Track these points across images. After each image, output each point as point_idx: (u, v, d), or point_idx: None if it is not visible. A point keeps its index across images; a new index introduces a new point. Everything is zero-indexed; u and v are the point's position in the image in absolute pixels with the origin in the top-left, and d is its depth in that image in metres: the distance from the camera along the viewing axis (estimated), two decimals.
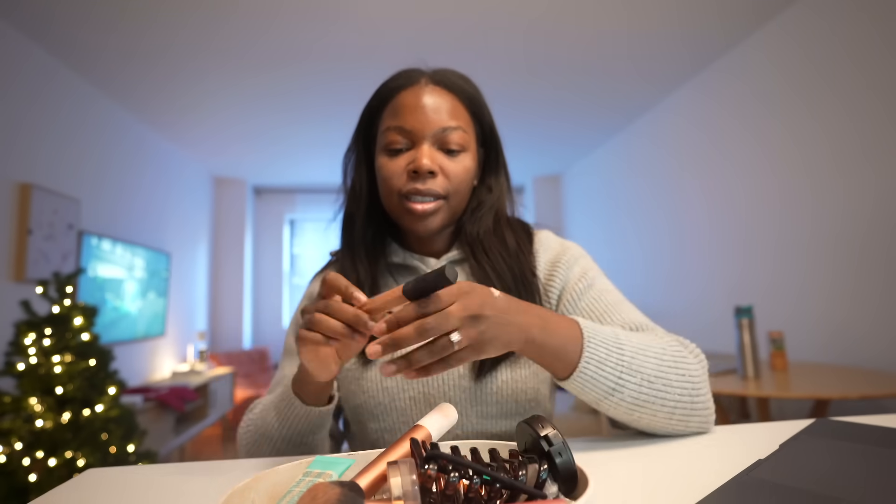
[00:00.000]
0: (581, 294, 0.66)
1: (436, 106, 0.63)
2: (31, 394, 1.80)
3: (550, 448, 0.32)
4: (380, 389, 0.64)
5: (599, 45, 2.68)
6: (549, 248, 0.72)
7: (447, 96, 0.65)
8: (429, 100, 0.64)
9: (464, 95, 0.67)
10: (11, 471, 1.71)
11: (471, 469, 0.29)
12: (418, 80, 0.65)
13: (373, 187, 0.70)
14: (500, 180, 0.73)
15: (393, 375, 0.43)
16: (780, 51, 2.44)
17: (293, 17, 2.36)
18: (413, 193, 0.62)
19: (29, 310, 1.90)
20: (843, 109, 2.12)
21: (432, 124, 0.63)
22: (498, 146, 0.72)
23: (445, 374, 0.63)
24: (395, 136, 0.63)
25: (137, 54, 2.64)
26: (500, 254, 0.68)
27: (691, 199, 3.18)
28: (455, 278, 0.40)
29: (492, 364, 0.63)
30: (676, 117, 3.31)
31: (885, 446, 0.45)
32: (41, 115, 2.57)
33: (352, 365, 0.66)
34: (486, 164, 0.72)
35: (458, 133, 0.64)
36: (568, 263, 0.69)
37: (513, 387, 0.63)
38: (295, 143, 4.12)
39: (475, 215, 0.70)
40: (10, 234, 2.35)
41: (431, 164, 0.62)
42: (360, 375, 0.65)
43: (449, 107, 0.64)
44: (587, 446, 0.53)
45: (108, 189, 3.17)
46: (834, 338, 2.15)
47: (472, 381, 0.63)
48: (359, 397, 0.65)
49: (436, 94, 0.64)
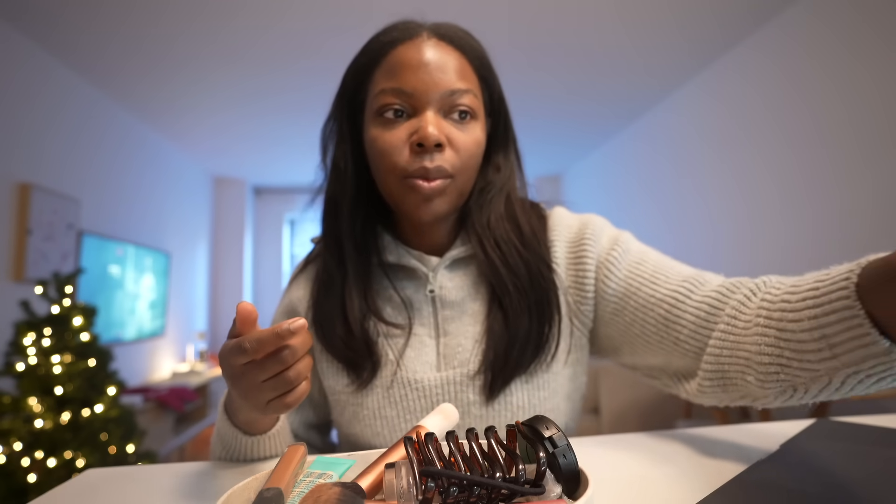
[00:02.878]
0: (618, 262, 0.56)
1: (442, 64, 0.52)
2: (30, 394, 1.80)
3: (555, 450, 0.32)
4: (378, 418, 0.56)
5: (599, 45, 2.68)
6: (567, 226, 0.62)
7: (454, 53, 0.54)
8: (433, 56, 0.52)
9: (473, 54, 0.56)
10: (11, 471, 1.71)
11: (467, 481, 0.29)
12: (419, 34, 0.54)
13: (360, 165, 0.58)
14: (509, 157, 0.62)
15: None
16: (779, 51, 2.44)
17: (293, 17, 2.36)
18: (419, 172, 0.51)
19: (28, 310, 1.89)
20: (842, 110, 2.12)
21: (438, 85, 0.52)
22: (507, 118, 0.61)
23: (454, 401, 0.55)
24: (392, 98, 0.52)
25: (138, 54, 2.64)
26: (514, 245, 0.57)
27: (691, 199, 3.18)
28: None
29: (504, 382, 0.54)
30: (676, 118, 3.31)
31: (886, 447, 0.45)
32: (41, 115, 2.57)
33: (346, 386, 0.58)
34: (494, 138, 0.61)
35: (469, 97, 0.53)
36: (595, 236, 0.59)
37: (529, 412, 0.55)
38: (295, 143, 4.12)
39: (483, 199, 0.59)
40: (9, 234, 2.35)
41: (439, 135, 0.51)
42: (356, 402, 0.58)
43: (457, 65, 0.54)
44: (587, 446, 0.53)
45: (107, 189, 3.17)
46: None
47: (484, 407, 0.55)
48: (354, 426, 0.58)
49: (440, 49, 0.53)
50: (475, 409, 0.55)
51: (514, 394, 0.55)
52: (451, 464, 0.31)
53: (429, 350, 0.58)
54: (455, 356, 0.57)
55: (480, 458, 0.31)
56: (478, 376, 0.55)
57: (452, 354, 0.57)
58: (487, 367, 0.55)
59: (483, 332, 0.57)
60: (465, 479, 0.29)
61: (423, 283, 0.60)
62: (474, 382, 0.55)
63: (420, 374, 0.56)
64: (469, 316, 0.58)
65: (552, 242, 0.61)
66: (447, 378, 0.56)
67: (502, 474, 0.30)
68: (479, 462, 0.31)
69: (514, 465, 0.31)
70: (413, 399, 0.56)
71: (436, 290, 0.59)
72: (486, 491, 0.29)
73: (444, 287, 0.59)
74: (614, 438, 0.56)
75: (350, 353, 0.57)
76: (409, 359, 0.57)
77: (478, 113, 0.55)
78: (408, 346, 0.58)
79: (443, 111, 0.53)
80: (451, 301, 0.59)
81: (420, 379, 0.56)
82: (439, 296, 0.59)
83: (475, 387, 0.55)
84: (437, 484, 0.29)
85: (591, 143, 4.37)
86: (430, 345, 0.58)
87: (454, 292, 0.59)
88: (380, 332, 0.58)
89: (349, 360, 0.57)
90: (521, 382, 0.55)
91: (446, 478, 0.29)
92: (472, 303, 0.59)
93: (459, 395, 0.55)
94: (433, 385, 0.56)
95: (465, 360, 0.56)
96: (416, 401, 0.56)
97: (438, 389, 0.56)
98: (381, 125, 0.53)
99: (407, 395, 0.56)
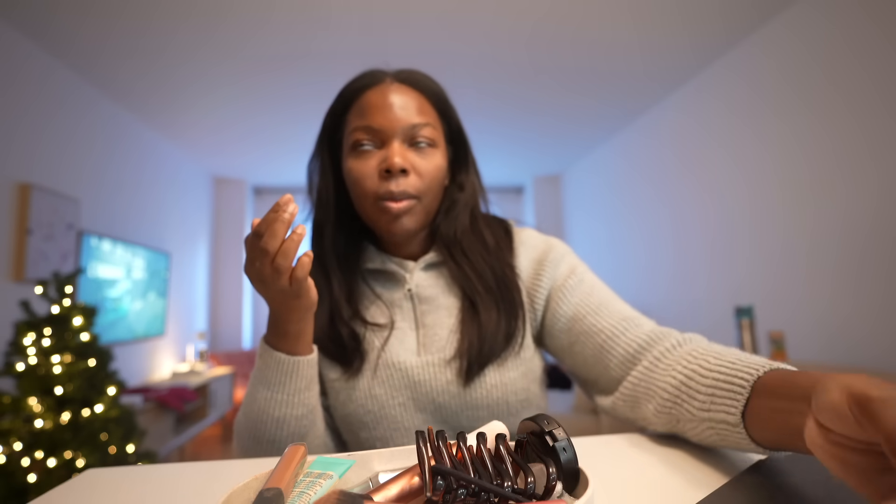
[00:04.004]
0: (572, 290, 0.65)
1: (403, 104, 0.62)
2: (30, 394, 1.80)
3: (556, 443, 0.32)
4: (368, 398, 0.63)
5: (600, 43, 2.69)
6: (533, 246, 0.71)
7: (413, 94, 0.64)
8: (396, 98, 0.62)
9: (430, 93, 0.66)
10: (11, 471, 1.71)
11: (476, 485, 0.29)
12: (383, 80, 0.64)
13: (340, 194, 0.69)
14: (470, 178, 0.71)
15: None
16: (781, 49, 2.44)
17: (293, 16, 2.36)
18: (387, 195, 0.60)
19: (28, 310, 1.89)
20: (845, 108, 2.12)
21: (401, 121, 0.61)
22: (466, 144, 0.71)
23: (434, 381, 0.63)
24: (363, 135, 0.62)
25: (137, 53, 2.64)
26: (479, 253, 0.67)
27: (692, 199, 3.18)
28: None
29: (479, 368, 0.62)
30: (677, 116, 3.31)
31: None
32: (40, 115, 2.57)
33: (339, 375, 0.65)
34: (456, 162, 0.71)
35: (428, 129, 0.63)
36: (555, 261, 0.68)
37: (502, 389, 0.63)
38: (295, 143, 4.12)
39: (450, 215, 0.68)
40: (9, 234, 2.35)
41: (403, 162, 0.60)
42: (349, 386, 0.64)
43: (416, 104, 0.63)
44: (587, 446, 0.53)
45: (107, 189, 3.17)
46: (834, 338, 2.15)
47: (461, 387, 0.62)
48: (348, 407, 0.64)
49: (402, 91, 0.63)
50: (452, 387, 0.63)
51: (488, 375, 0.63)
52: (461, 464, 0.31)
53: (409, 339, 0.66)
54: (433, 343, 0.65)
55: (490, 464, 0.31)
56: (454, 361, 0.63)
57: (430, 342, 0.65)
58: (463, 354, 0.63)
59: (457, 324, 0.65)
60: (475, 483, 0.29)
61: (402, 284, 0.68)
62: (451, 365, 0.63)
63: (402, 357, 0.64)
64: (444, 310, 0.67)
65: (517, 254, 0.70)
66: (427, 361, 0.64)
67: (511, 484, 0.30)
68: (488, 467, 0.31)
69: (523, 475, 0.31)
70: (398, 378, 0.64)
71: (413, 289, 0.68)
72: (494, 499, 0.29)
73: (420, 285, 0.68)
74: (614, 438, 0.56)
75: (340, 349, 0.65)
76: (392, 346, 0.65)
77: (437, 142, 0.65)
78: (391, 338, 0.66)
79: (407, 142, 0.62)
80: (427, 297, 0.68)
81: (402, 361, 0.64)
82: (416, 293, 0.68)
83: (452, 369, 0.63)
84: (447, 483, 0.29)
85: (592, 142, 4.37)
86: (410, 335, 0.66)
87: (429, 290, 0.68)
88: (366, 329, 0.66)
89: (340, 354, 0.65)
90: (493, 367, 0.63)
91: (456, 478, 0.29)
92: (446, 298, 0.67)
93: (438, 375, 0.63)
94: (414, 366, 0.64)
95: (441, 347, 0.64)
96: (401, 380, 0.64)
97: (419, 370, 0.64)
98: (356, 157, 0.63)
99: (392, 375, 0.64)
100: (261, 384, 0.57)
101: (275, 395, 0.57)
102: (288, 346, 0.56)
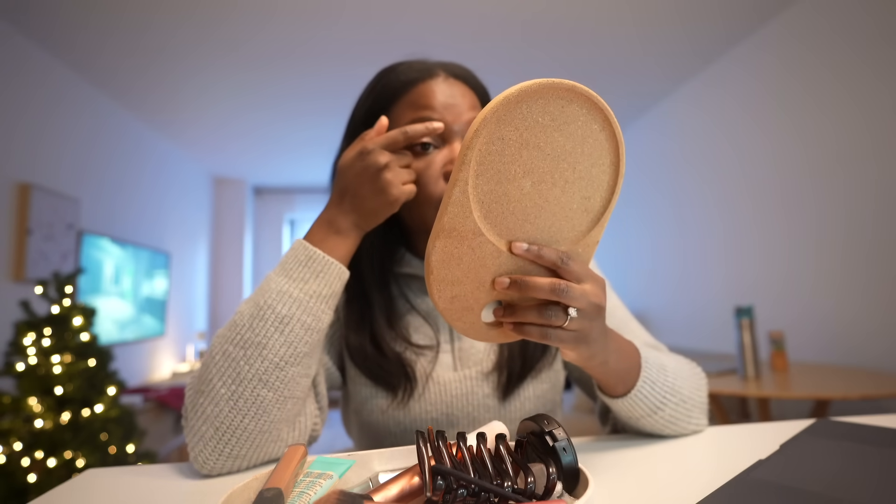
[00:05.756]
0: None
1: (460, 99, 0.59)
2: (30, 394, 1.80)
3: (556, 443, 0.32)
4: (401, 409, 0.61)
5: (605, 39, 2.68)
6: None
7: (466, 90, 0.61)
8: (456, 93, 0.59)
9: (479, 89, 0.63)
10: (11, 471, 1.71)
11: (476, 485, 0.29)
12: (436, 73, 0.60)
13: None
14: None
15: (497, 319, 0.42)
16: (786, 45, 2.44)
17: (293, 15, 2.36)
18: None
19: (28, 310, 1.89)
20: (848, 106, 2.12)
21: (461, 118, 0.58)
22: None
23: (471, 395, 0.61)
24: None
25: (136, 53, 2.64)
26: None
27: (692, 198, 3.18)
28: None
29: (518, 381, 0.62)
30: (679, 115, 3.31)
31: (886, 447, 0.45)
32: (40, 115, 2.57)
33: (389, 404, 0.62)
34: None
35: None
36: None
37: (535, 402, 0.63)
38: (295, 143, 4.12)
39: None
40: (9, 234, 2.35)
41: None
42: (396, 412, 0.61)
43: (470, 101, 0.60)
44: (587, 446, 0.53)
45: (107, 189, 3.17)
46: (834, 338, 2.15)
47: (498, 400, 0.61)
48: (376, 415, 0.61)
49: (458, 87, 0.60)
50: (490, 401, 0.62)
51: (525, 388, 0.62)
52: (461, 464, 0.31)
53: (445, 354, 0.64)
54: (469, 357, 0.63)
55: (490, 464, 0.31)
56: (491, 374, 0.62)
57: (467, 357, 0.64)
58: (502, 367, 0.62)
59: None
60: (475, 483, 0.29)
61: None
62: (488, 379, 0.62)
63: (438, 372, 0.62)
64: None
65: None
66: (465, 376, 0.62)
67: (511, 484, 0.30)
68: (488, 467, 0.31)
69: (524, 475, 0.30)
70: (434, 393, 0.62)
71: None
72: (494, 499, 0.29)
73: None
74: (614, 438, 0.56)
75: (388, 378, 0.61)
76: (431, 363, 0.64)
77: None
78: (436, 362, 0.63)
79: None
80: None
81: (439, 375, 0.62)
82: None
83: (490, 382, 0.62)
84: (447, 483, 0.29)
85: None
86: (446, 350, 0.64)
87: None
88: (411, 351, 0.63)
89: (388, 384, 0.61)
90: (530, 378, 0.63)
91: (456, 478, 0.29)
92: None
93: (475, 389, 0.62)
94: (451, 381, 0.62)
95: (479, 360, 0.63)
96: (437, 395, 0.62)
97: (457, 384, 0.62)
98: (413, 156, 0.57)
99: (429, 389, 0.62)
100: (278, 275, 0.51)
101: (291, 288, 0.50)
102: (328, 248, 0.53)
